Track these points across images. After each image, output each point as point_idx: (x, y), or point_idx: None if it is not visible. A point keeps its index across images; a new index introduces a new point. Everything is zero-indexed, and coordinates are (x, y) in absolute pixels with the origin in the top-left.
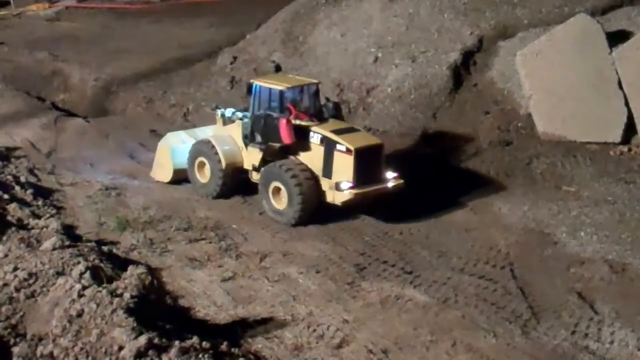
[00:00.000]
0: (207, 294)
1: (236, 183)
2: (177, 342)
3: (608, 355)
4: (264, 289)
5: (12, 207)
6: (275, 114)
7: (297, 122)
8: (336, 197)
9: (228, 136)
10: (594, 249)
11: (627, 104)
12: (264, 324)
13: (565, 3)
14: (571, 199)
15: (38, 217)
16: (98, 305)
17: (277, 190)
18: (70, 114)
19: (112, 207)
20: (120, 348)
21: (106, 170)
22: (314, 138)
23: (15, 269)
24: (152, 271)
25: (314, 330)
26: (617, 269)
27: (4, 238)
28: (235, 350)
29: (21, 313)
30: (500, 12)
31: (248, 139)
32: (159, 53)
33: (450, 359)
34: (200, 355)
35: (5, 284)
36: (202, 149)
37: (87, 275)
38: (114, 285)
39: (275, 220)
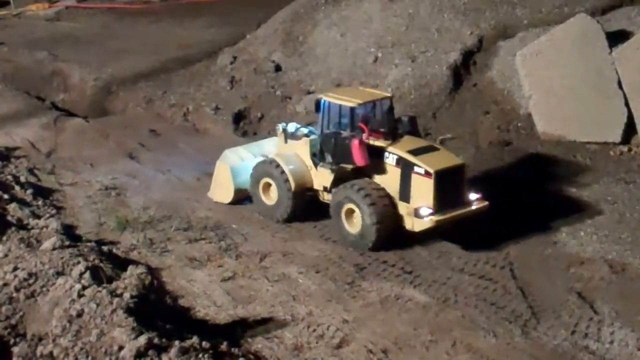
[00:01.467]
0: (207, 294)
1: (306, 204)
2: (177, 342)
3: (608, 355)
4: (264, 289)
5: (12, 207)
6: (346, 133)
7: (371, 141)
8: (415, 225)
9: (294, 154)
10: (594, 249)
11: (627, 104)
12: (264, 324)
13: (565, 3)
14: (571, 199)
15: (38, 217)
16: (98, 305)
17: (350, 213)
18: (70, 114)
19: (112, 207)
20: (120, 348)
21: (106, 170)
22: (389, 159)
23: (15, 269)
24: (152, 271)
25: (314, 330)
26: (617, 269)
27: (4, 238)
28: (235, 350)
29: (21, 313)
30: (500, 12)
31: (317, 158)
32: (159, 53)
33: (450, 359)
34: (200, 355)
35: (5, 284)
36: (267, 169)
37: (87, 275)
38: (114, 285)
39: (349, 246)
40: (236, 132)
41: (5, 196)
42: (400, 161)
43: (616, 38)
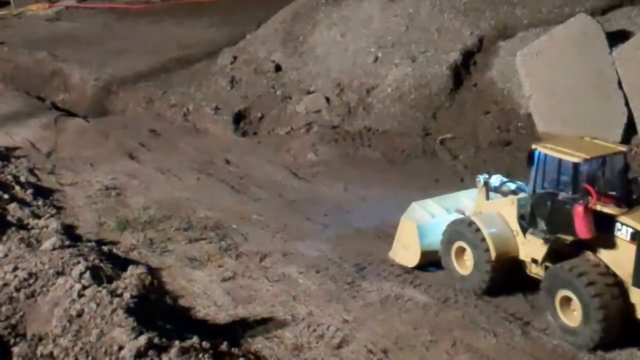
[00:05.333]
0: (207, 294)
1: (509, 275)
2: (177, 342)
3: (608, 355)
4: (264, 289)
5: (12, 207)
6: (566, 195)
7: (598, 207)
8: None
9: (496, 214)
10: None
11: (627, 104)
12: (264, 324)
13: (565, 3)
14: None
15: (38, 217)
16: (98, 305)
17: (566, 300)
18: (70, 114)
19: (112, 207)
20: (120, 348)
21: (106, 170)
22: (622, 232)
23: (15, 269)
24: (152, 271)
25: (314, 330)
26: None
27: (4, 238)
28: (235, 350)
29: (21, 313)
30: (500, 12)
31: (526, 222)
32: (159, 53)
33: (450, 359)
34: (200, 355)
35: (5, 284)
36: (462, 231)
37: (87, 275)
38: (114, 285)
39: (564, 340)
40: (236, 132)
41: (5, 196)
42: (637, 236)
43: (616, 38)
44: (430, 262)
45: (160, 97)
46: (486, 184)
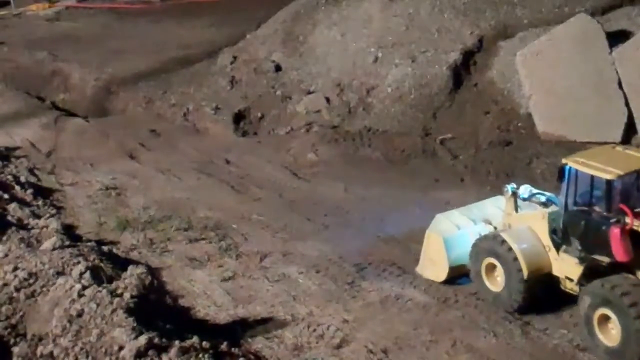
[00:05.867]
0: (207, 294)
1: (543, 291)
2: (177, 342)
3: None
4: (264, 289)
5: (12, 207)
6: (599, 211)
7: (635, 226)
8: None
9: (527, 229)
10: None
11: (627, 104)
12: (264, 324)
13: (565, 3)
14: None
15: (38, 217)
16: (98, 305)
17: (604, 319)
18: (70, 114)
19: (112, 207)
20: (120, 348)
21: (106, 170)
22: None
23: (15, 269)
24: (152, 271)
25: (314, 330)
26: None
27: (4, 238)
28: (235, 350)
29: (21, 313)
30: (500, 12)
31: (558, 238)
32: (159, 53)
33: (450, 359)
34: (200, 355)
35: (5, 284)
36: (492, 247)
37: (87, 275)
38: (114, 285)
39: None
40: (236, 132)
41: (5, 196)
42: None
43: (616, 38)
44: (460, 275)
45: (160, 97)
46: (514, 194)
